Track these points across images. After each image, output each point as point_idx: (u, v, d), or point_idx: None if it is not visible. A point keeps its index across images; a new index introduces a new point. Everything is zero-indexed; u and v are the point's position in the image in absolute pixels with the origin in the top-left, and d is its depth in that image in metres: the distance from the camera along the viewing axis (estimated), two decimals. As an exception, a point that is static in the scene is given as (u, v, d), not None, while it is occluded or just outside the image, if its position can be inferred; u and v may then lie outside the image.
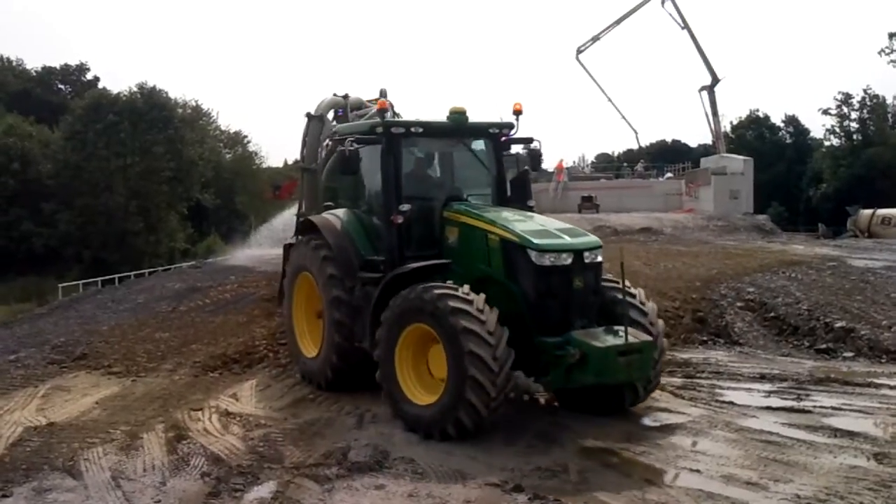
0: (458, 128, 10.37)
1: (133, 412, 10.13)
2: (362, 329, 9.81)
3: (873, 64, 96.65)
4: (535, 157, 10.98)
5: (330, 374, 10.37)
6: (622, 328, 8.57)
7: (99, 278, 33.05)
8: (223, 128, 70.56)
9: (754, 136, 74.20)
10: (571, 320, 8.79)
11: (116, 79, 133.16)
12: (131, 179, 49.57)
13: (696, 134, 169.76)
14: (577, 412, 9.34)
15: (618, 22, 46.95)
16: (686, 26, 44.57)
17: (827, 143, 70.65)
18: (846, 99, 67.89)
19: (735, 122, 75.34)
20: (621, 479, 7.40)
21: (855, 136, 67.20)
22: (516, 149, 10.89)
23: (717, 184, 40.52)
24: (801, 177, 70.22)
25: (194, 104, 64.35)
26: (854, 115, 68.15)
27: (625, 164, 59.32)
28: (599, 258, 9.15)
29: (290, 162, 70.74)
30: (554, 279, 8.79)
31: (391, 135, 9.81)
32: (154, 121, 50.91)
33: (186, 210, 55.37)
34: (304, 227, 11.27)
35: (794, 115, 77.11)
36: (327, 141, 13.52)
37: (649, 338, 8.91)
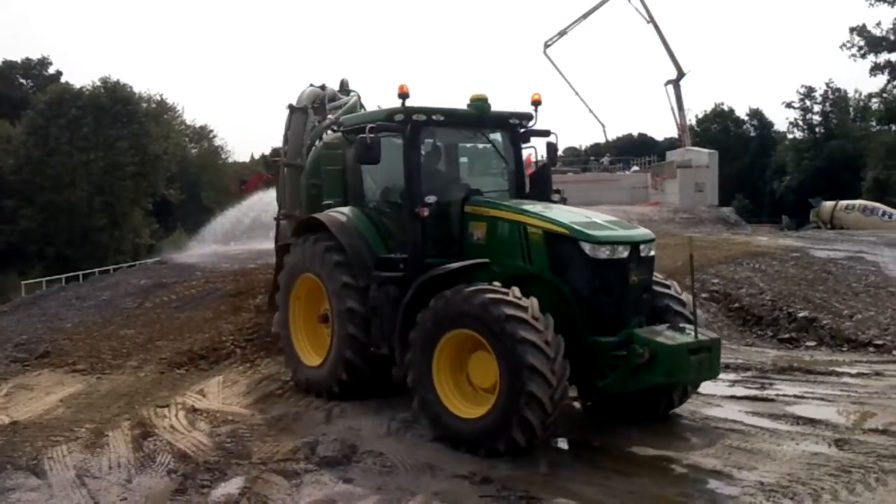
0: (479, 117, 9.68)
1: (98, 410, 10.00)
2: (379, 333, 9.14)
3: (835, 58, 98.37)
4: (552, 150, 10.43)
5: (338, 385, 9.62)
6: (685, 326, 8.17)
7: (63, 275, 32.59)
8: (188, 122, 70.01)
9: (719, 130, 75.13)
10: (626, 318, 8.15)
11: (79, 73, 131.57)
12: (95, 175, 48.99)
13: (662, 127, 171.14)
14: (608, 418, 8.88)
15: (585, 16, 47.29)
16: (652, 20, 45.03)
17: (790, 136, 71.82)
18: (809, 92, 69.02)
19: (700, 116, 76.32)
20: (590, 469, 7.46)
21: (817, 129, 68.30)
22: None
23: (683, 177, 41.02)
24: (765, 169, 71.21)
25: (159, 98, 63.78)
26: (817, 108, 69.30)
27: (592, 158, 59.69)
28: (653, 252, 8.57)
29: (256, 157, 70.46)
30: (610, 274, 8.10)
31: (415, 122, 9.09)
32: (118, 115, 50.38)
33: (151, 205, 54.82)
34: (306, 227, 10.43)
35: (758, 109, 78.34)
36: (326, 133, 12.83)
37: (716, 335, 8.53)
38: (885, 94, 55.96)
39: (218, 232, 28.52)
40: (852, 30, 53.67)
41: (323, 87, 13.97)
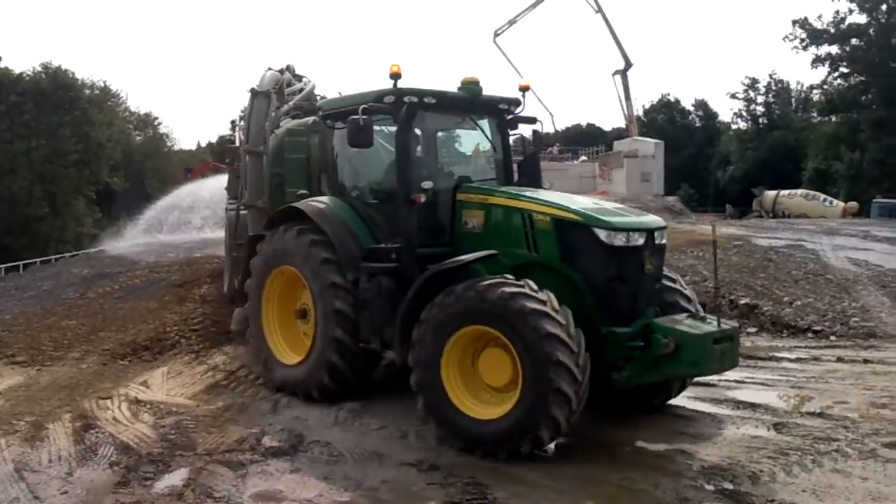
0: (471, 100, 9.32)
1: (38, 402, 9.78)
2: (370, 327, 8.73)
3: (778, 50, 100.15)
4: (537, 137, 10.18)
5: (318, 388, 9.10)
6: (705, 315, 8.00)
7: (2, 265, 31.78)
8: (133, 109, 68.61)
9: (665, 120, 76.13)
10: (640, 308, 7.91)
11: (19, 58, 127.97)
12: (36, 163, 47.69)
13: (610, 117, 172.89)
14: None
15: (534, 5, 47.38)
16: (600, 10, 45.33)
17: (734, 127, 73.09)
18: (753, 84, 70.27)
19: (647, 106, 77.18)
20: (535, 455, 7.47)
21: (761, 120, 69.59)
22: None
23: (630, 166, 41.50)
24: (710, 159, 72.38)
25: (102, 85, 62.17)
26: (760, 99, 70.60)
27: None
28: (665, 240, 8.32)
29: (203, 144, 69.48)
30: (625, 262, 7.80)
31: (411, 105, 8.69)
32: (60, 102, 49.09)
33: (94, 194, 53.65)
34: (283, 217, 9.81)
35: (703, 100, 79.52)
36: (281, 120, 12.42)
37: (735, 324, 8.39)
38: (825, 86, 57.25)
39: (154, 221, 27.97)
40: (794, 22, 54.77)
41: (282, 71, 13.58)
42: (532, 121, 9.95)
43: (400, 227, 8.68)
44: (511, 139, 10.07)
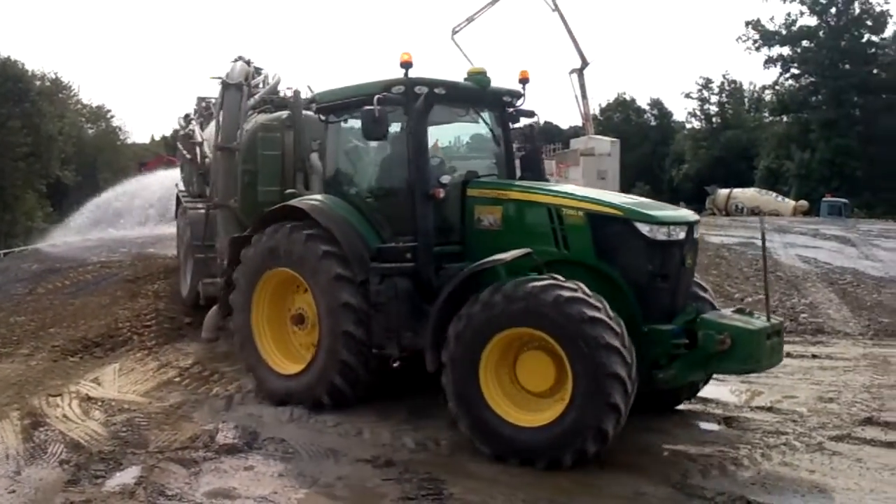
0: (480, 92, 8.99)
1: (-15, 400, 9.58)
2: (384, 331, 8.23)
3: (732, 50, 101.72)
4: (535, 132, 9.89)
5: (328, 393, 8.51)
6: (751, 310, 7.83)
7: (-52, 261, 31.01)
8: (85, 102, 67.41)
9: (621, 119, 76.87)
10: (679, 304, 7.66)
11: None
12: (-17, 155, 46.67)
13: (567, 116, 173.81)
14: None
15: (492, 3, 47.43)
16: (557, 9, 45.52)
17: (689, 126, 74.05)
18: (706, 83, 71.26)
19: (603, 105, 77.83)
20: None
21: (714, 119, 70.61)
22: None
23: (586, 164, 41.79)
24: (665, 158, 73.25)
25: (53, 77, 61.08)
26: (714, 98, 71.61)
27: (499, 145, 60.12)
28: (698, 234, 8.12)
29: (156, 138, 68.46)
30: (667, 257, 7.53)
31: (428, 95, 8.22)
32: (9, 93, 48.09)
33: (45, 188, 52.60)
34: (274, 217, 9.16)
35: (658, 99, 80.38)
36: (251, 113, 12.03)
37: (781, 319, 8.16)
38: (777, 87, 58.37)
39: (106, 216, 27.32)
40: (748, 24, 55.77)
41: (249, 63, 13.13)
42: (531, 114, 9.62)
43: (417, 224, 8.19)
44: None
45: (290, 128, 11.41)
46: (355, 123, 8.81)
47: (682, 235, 7.62)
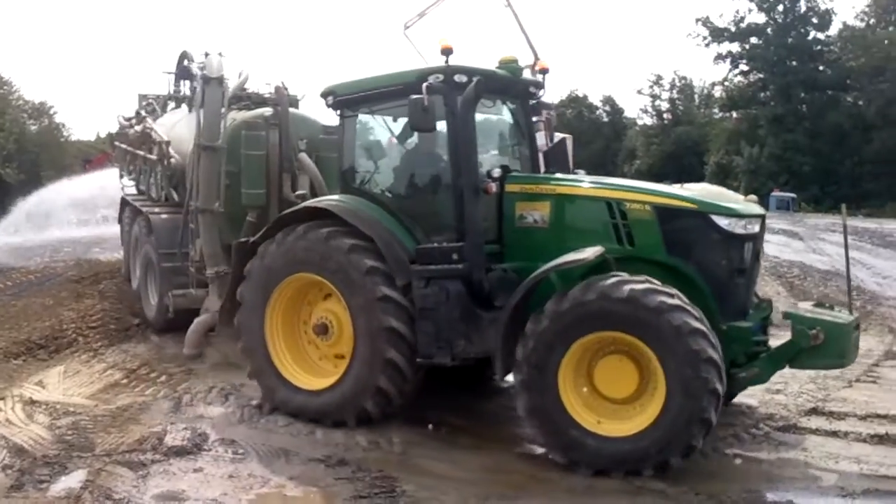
0: (512, 82, 8.54)
1: (-76, 405, 9.28)
2: (433, 340, 7.60)
3: (682, 47, 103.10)
4: (552, 125, 9.50)
5: (374, 399, 7.79)
6: (827, 304, 7.72)
7: None
8: (27, 98, 65.86)
9: (574, 115, 77.45)
10: (751, 300, 7.52)
11: None
12: (-80, 153, 45.36)
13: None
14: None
15: (443, -2, 47.47)
16: (509, 4, 45.67)
17: (640, 122, 74.96)
18: (658, 80, 72.19)
19: (556, 101, 78.34)
20: (444, 447, 7.55)
21: (665, 116, 71.55)
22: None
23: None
24: (617, 154, 74.07)
25: (-8, 73, 59.58)
26: (665, 95, 72.57)
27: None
28: None
29: (101, 135, 67.16)
30: (745, 251, 7.26)
31: (479, 83, 7.64)
32: (-53, 90, 46.76)
33: (-15, 186, 51.33)
34: (290, 220, 8.47)
35: (610, 96, 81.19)
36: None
37: (857, 314, 7.86)
38: (726, 83, 59.33)
39: (47, 214, 26.57)
40: (697, 20, 56.55)
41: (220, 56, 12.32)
42: (549, 106, 9.27)
43: (466, 222, 7.64)
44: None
45: (274, 125, 11.00)
46: (382, 116, 8.64)
47: (756, 228, 7.40)
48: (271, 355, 8.41)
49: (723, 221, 7.10)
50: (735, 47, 55.89)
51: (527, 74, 8.99)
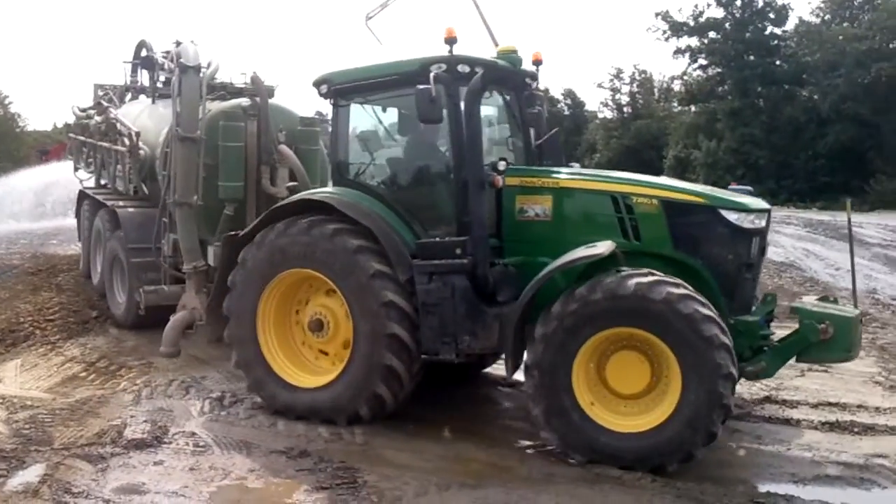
0: (510, 73, 8.45)
1: None
2: (438, 336, 7.44)
3: (643, 41, 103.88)
4: (543, 117, 9.23)
5: (369, 403, 7.67)
6: (831, 297, 7.73)
7: None
8: (-20, 87, 64.46)
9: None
10: (754, 295, 7.49)
11: None
12: None
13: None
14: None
15: (405, -11, 47.29)
16: (471, -4, 45.66)
17: (601, 116, 75.33)
18: (618, 74, 72.52)
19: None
20: (405, 437, 7.59)
21: (625, 109, 72.03)
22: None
23: (502, 152, 42.10)
24: (577, 147, 74.45)
25: (-55, 61, 58.17)
26: (625, 89, 73.03)
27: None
28: None
29: (59, 125, 65.95)
30: (753, 245, 7.24)
31: (485, 73, 7.58)
32: None
33: (-61, 177, 50.21)
34: (286, 212, 8.26)
35: (571, 89, 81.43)
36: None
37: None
38: (685, 77, 59.89)
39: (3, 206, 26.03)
40: (657, 15, 56.97)
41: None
42: (541, 99, 9.14)
43: (471, 216, 7.45)
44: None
45: (252, 116, 10.73)
46: (377, 107, 8.51)
47: (763, 223, 7.38)
48: (261, 347, 8.19)
49: (732, 216, 7.11)
50: (694, 42, 56.40)
51: None
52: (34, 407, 8.65)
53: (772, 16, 53.26)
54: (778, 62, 52.39)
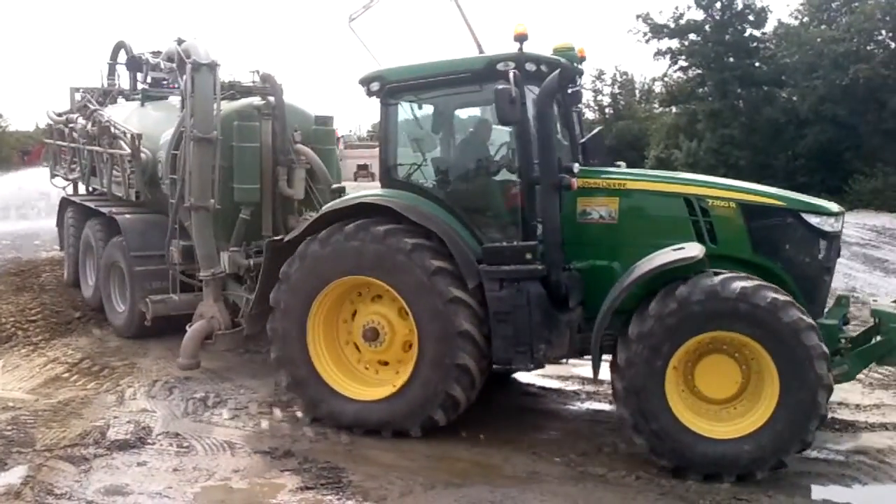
0: (573, 71, 8.06)
1: None
2: (511, 345, 7.14)
3: (624, 43, 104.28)
4: (581, 116, 9.07)
5: (443, 407, 7.34)
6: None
7: None
8: (-40, 87, 63.82)
9: (518, 108, 77.74)
10: (827, 298, 7.35)
11: None
12: None
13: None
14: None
15: (388, -10, 47.23)
16: (453, -2, 45.68)
17: (583, 117, 75.62)
18: (599, 75, 72.74)
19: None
20: (392, 437, 7.56)
21: (607, 110, 72.31)
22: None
23: (484, 153, 42.19)
24: (561, 147, 74.69)
25: (-77, 60, 57.54)
26: (606, 90, 73.32)
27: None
28: None
29: (41, 125, 65.38)
30: (833, 249, 7.15)
31: (563, 72, 7.24)
32: None
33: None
34: (336, 216, 7.81)
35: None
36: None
37: None
38: (666, 78, 60.17)
39: None
40: (638, 16, 57.17)
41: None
42: (581, 96, 8.90)
43: (544, 220, 7.17)
44: None
45: (266, 116, 10.42)
46: (431, 106, 8.24)
47: (840, 226, 7.28)
48: (315, 365, 7.80)
49: (813, 219, 7.04)
50: (674, 43, 56.61)
51: None
52: (16, 408, 8.58)
53: (751, 18, 53.56)
54: (757, 64, 52.69)
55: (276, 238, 8.58)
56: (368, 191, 8.29)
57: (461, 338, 7.13)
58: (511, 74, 6.99)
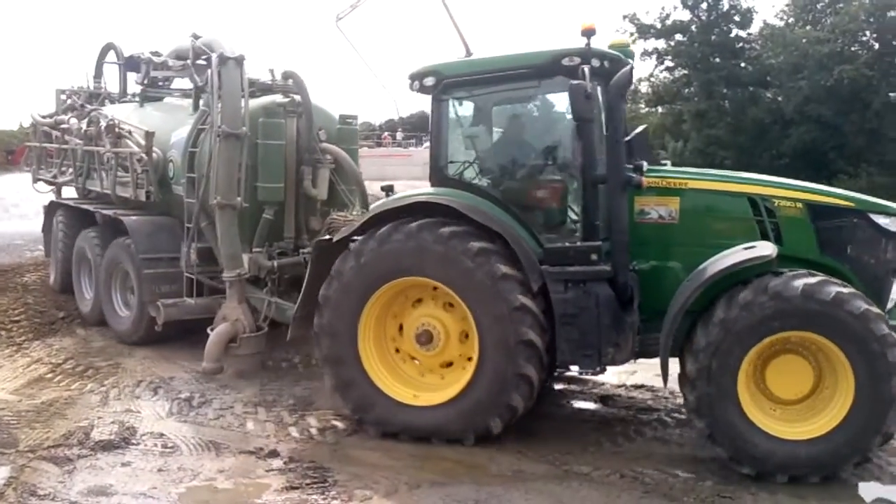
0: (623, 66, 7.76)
1: None
2: (577, 348, 6.98)
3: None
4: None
5: (488, 427, 7.16)
6: None
7: None
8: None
9: (505, 108, 77.79)
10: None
11: None
12: None
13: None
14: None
15: (375, -10, 47.22)
16: (440, -3, 45.69)
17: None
18: (586, 75, 73.08)
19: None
20: (377, 437, 7.55)
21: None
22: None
23: (471, 153, 42.23)
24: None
25: None
26: (593, 90, 73.53)
27: (385, 134, 60.13)
28: None
29: (24, 125, 65.01)
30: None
31: (629, 69, 7.17)
32: None
33: None
34: (391, 215, 7.52)
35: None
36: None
37: None
38: (652, 79, 60.41)
39: None
40: (625, 17, 57.42)
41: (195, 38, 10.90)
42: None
43: (612, 220, 7.04)
44: None
45: (291, 113, 10.25)
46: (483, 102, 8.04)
47: None
48: (365, 367, 7.55)
49: (882, 220, 6.97)
50: (661, 44, 56.89)
51: None
52: (-1, 409, 8.55)
53: (737, 18, 53.86)
54: (743, 64, 52.99)
55: (324, 238, 8.32)
56: (421, 189, 8.04)
57: (525, 346, 6.93)
58: (585, 70, 6.81)
